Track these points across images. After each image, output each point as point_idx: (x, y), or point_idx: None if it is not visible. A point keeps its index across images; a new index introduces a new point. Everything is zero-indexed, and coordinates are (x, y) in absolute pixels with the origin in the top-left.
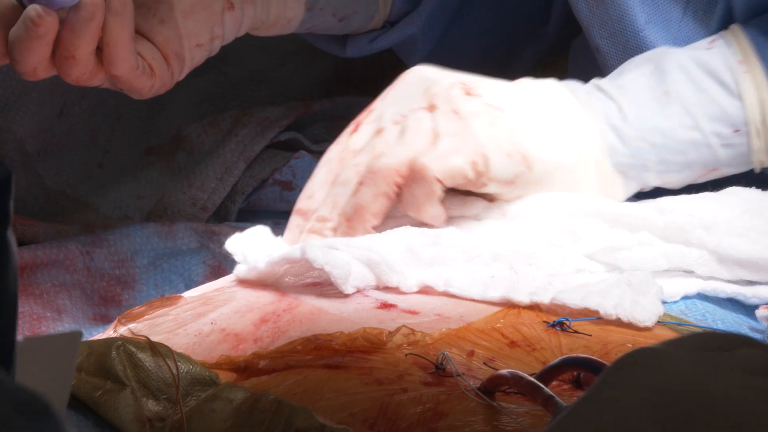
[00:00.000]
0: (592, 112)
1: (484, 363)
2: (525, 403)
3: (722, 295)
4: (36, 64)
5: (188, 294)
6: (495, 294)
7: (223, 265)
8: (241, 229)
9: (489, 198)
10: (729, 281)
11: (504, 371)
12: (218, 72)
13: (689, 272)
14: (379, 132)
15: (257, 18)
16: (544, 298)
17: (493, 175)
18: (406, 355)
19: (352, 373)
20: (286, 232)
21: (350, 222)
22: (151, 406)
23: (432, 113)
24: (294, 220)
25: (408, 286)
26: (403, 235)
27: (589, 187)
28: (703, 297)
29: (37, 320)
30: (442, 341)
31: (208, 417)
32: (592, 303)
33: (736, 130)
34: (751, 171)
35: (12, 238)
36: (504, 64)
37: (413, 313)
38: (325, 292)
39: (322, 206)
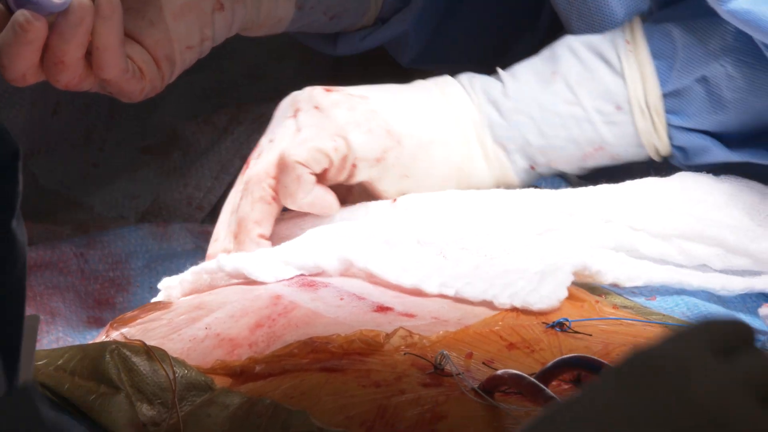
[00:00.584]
0: (473, 91)
1: (483, 363)
2: (525, 404)
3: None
4: (25, 70)
5: (183, 299)
6: (407, 281)
7: None
8: None
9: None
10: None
11: (503, 371)
12: (213, 69)
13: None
14: (260, 155)
15: (247, 18)
16: (450, 291)
17: (357, 153)
18: (404, 354)
19: (349, 376)
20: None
21: (237, 238)
22: (146, 410)
23: (296, 116)
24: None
25: (330, 264)
26: (321, 228)
27: (477, 164)
28: (705, 297)
29: None
30: (439, 344)
31: (203, 422)
32: (489, 295)
33: (618, 107)
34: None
35: (20, 229)
36: (496, 60)
37: (410, 316)
38: (320, 295)
39: (225, 241)
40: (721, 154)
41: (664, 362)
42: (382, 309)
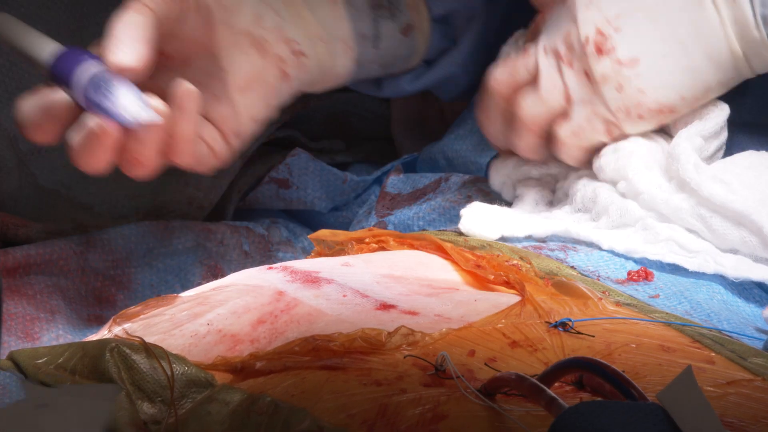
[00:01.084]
0: None
1: (485, 363)
2: (526, 405)
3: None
4: (98, 165)
5: (185, 294)
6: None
7: (219, 264)
8: (238, 228)
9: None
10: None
11: (505, 373)
12: None
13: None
14: (525, 52)
15: (310, 80)
16: None
17: (630, 133)
18: (404, 357)
19: (351, 375)
20: None
21: (514, 137)
22: (146, 408)
23: (566, 68)
24: None
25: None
26: None
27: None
28: (708, 296)
29: (30, 321)
30: (442, 341)
31: (203, 419)
32: None
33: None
34: None
35: None
36: None
37: (413, 313)
38: (323, 292)
39: (476, 105)
40: None
41: None
42: (385, 307)
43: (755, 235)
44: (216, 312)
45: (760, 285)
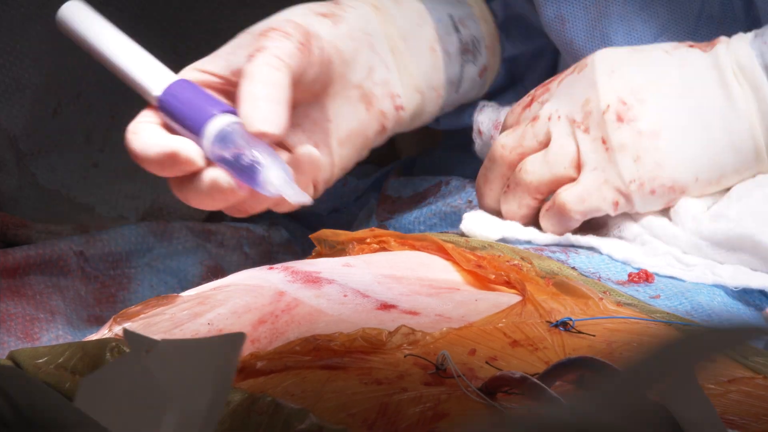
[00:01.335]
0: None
1: (486, 362)
2: (527, 403)
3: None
4: (207, 208)
5: (185, 294)
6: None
7: (220, 265)
8: (239, 229)
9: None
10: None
11: (506, 372)
12: None
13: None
14: (534, 120)
15: (399, 130)
16: None
17: (639, 209)
18: (405, 356)
19: (351, 374)
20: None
21: (506, 216)
22: None
23: (580, 134)
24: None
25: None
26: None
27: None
28: (709, 297)
29: (30, 322)
30: (442, 341)
31: None
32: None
33: None
34: None
35: None
36: None
37: (414, 313)
38: (324, 292)
39: (479, 176)
40: None
41: None
42: (386, 307)
43: (754, 256)
44: (216, 312)
45: (760, 290)
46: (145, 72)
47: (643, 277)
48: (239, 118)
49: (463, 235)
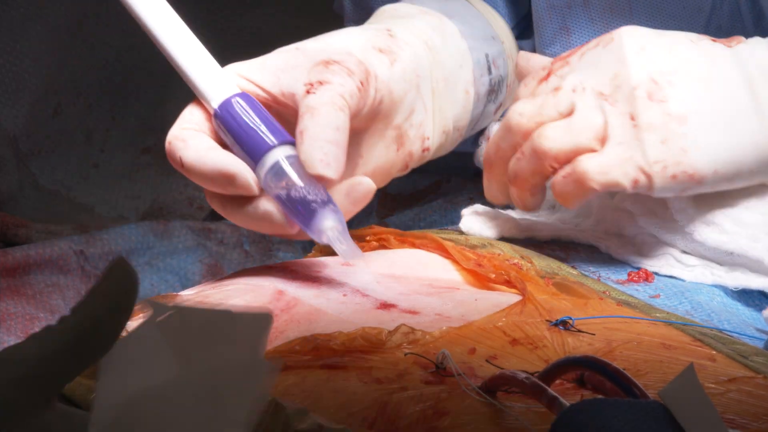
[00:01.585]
0: None
1: (486, 360)
2: (527, 402)
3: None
4: (245, 227)
5: (185, 293)
6: None
7: (219, 263)
8: (238, 227)
9: None
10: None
11: (506, 371)
12: None
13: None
14: (556, 90)
15: (415, 167)
16: None
17: (657, 191)
18: (405, 354)
19: (351, 373)
20: None
21: (512, 182)
22: None
23: (608, 107)
24: None
25: None
26: None
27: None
28: (709, 297)
29: (29, 321)
30: (442, 340)
31: None
32: None
33: None
34: None
35: None
36: None
37: (413, 312)
38: (323, 292)
39: (490, 145)
40: None
41: None
42: (386, 306)
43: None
44: None
45: (760, 291)
46: (204, 75)
47: (643, 276)
48: (296, 152)
49: (462, 233)
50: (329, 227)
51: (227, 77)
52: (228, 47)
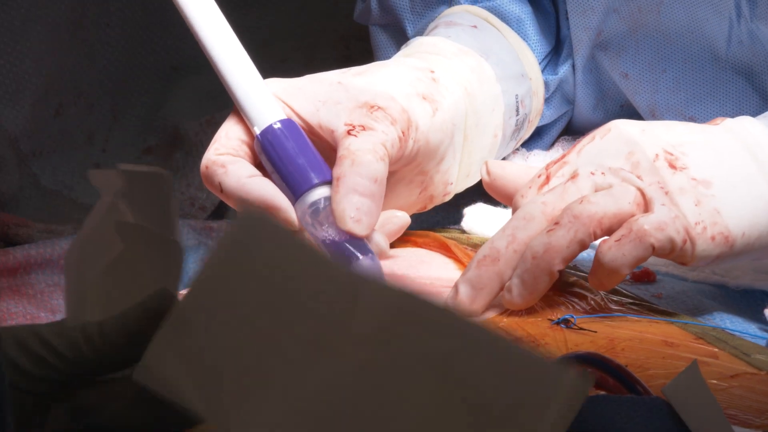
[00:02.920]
0: None
1: None
2: None
3: None
4: None
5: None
6: None
7: None
8: None
9: None
10: None
11: None
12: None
13: None
14: (573, 177)
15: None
16: None
17: (696, 257)
18: None
19: None
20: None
21: (536, 260)
22: None
23: (635, 179)
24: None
25: None
26: None
27: None
28: (710, 296)
29: (31, 321)
30: None
31: None
32: None
33: None
34: None
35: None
36: None
37: None
38: None
39: (496, 238)
40: None
41: None
42: None
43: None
44: None
45: (762, 290)
46: (252, 95)
47: (646, 275)
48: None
49: (464, 232)
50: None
51: (273, 101)
52: None
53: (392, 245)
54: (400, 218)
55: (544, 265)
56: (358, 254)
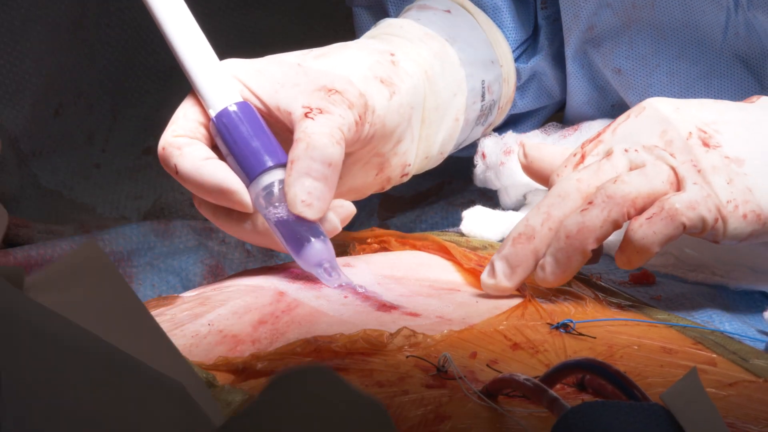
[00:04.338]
0: None
1: (487, 365)
2: (528, 406)
3: None
4: (236, 237)
5: (185, 295)
6: None
7: (221, 264)
8: None
9: None
10: None
11: (507, 374)
12: None
13: None
14: (608, 155)
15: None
16: None
17: (728, 235)
18: (407, 357)
19: (352, 376)
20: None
21: (570, 239)
22: None
23: (669, 157)
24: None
25: None
26: None
27: None
28: (709, 298)
29: None
30: (443, 343)
31: None
32: None
33: None
34: None
35: None
36: None
37: (414, 315)
38: (324, 293)
39: (532, 216)
40: None
41: None
42: (387, 308)
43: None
44: (217, 312)
45: (761, 292)
46: (207, 78)
47: (645, 277)
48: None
49: (463, 234)
50: (314, 259)
51: (230, 83)
52: (228, 47)
53: (392, 249)
54: (346, 208)
55: (578, 244)
56: (310, 236)
